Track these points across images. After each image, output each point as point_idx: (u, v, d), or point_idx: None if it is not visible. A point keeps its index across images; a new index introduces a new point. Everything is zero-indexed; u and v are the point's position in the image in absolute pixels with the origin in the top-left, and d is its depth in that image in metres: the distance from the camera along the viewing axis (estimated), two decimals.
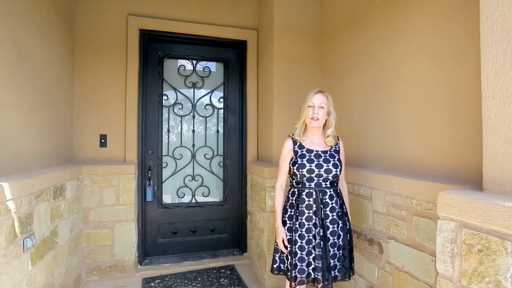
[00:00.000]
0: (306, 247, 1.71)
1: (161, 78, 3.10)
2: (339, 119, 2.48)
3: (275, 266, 1.83)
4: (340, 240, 1.74)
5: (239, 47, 3.25)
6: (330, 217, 1.73)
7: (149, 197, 2.94)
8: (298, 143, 1.82)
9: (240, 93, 3.26)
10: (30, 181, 1.73)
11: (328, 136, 1.83)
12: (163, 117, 3.12)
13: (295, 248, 1.71)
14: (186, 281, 2.65)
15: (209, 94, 3.23)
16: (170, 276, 2.75)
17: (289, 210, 1.80)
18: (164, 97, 3.12)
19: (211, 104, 3.24)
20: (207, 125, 3.25)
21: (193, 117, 3.19)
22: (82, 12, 2.76)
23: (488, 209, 0.99)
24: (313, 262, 1.70)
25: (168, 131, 3.14)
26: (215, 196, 3.28)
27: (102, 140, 2.81)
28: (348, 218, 1.83)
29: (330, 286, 1.69)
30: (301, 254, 1.71)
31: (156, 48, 3.07)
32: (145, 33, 2.96)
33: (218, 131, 3.27)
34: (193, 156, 3.18)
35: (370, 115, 2.19)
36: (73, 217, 2.41)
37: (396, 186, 1.72)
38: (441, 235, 1.16)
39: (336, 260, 1.72)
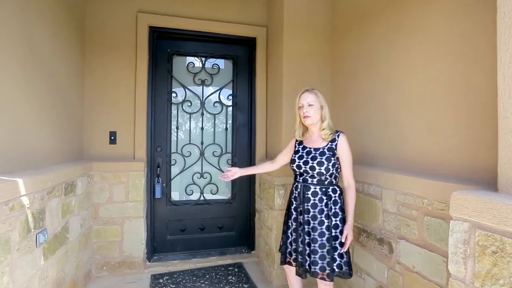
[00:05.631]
0: (290, 235, 1.92)
1: (170, 75, 3.11)
2: (349, 116, 2.49)
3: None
4: (324, 238, 1.77)
5: (248, 44, 3.23)
6: (312, 213, 1.81)
7: (157, 194, 2.96)
8: (299, 141, 1.97)
9: (249, 91, 3.25)
10: (43, 177, 1.75)
11: (323, 129, 1.85)
12: (172, 114, 3.14)
13: (285, 233, 1.97)
14: (194, 278, 2.67)
15: (218, 92, 3.23)
16: (178, 273, 2.77)
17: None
18: (173, 94, 3.13)
19: (220, 102, 3.24)
20: (216, 123, 3.25)
21: (202, 114, 3.20)
22: (92, 9, 2.79)
23: (503, 210, 0.97)
24: (292, 245, 1.92)
25: (177, 128, 3.16)
26: (224, 194, 3.29)
27: (112, 137, 2.84)
28: (341, 218, 1.80)
29: (304, 276, 1.82)
30: (287, 239, 1.95)
31: (165, 45, 3.08)
32: (154, 30, 2.97)
33: (226, 128, 3.27)
34: (202, 153, 3.19)
35: (380, 113, 2.16)
36: (84, 213, 2.45)
37: (407, 185, 1.70)
38: (453, 235, 1.14)
39: (317, 257, 1.76)
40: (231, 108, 3.28)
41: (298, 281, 2.05)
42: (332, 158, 1.80)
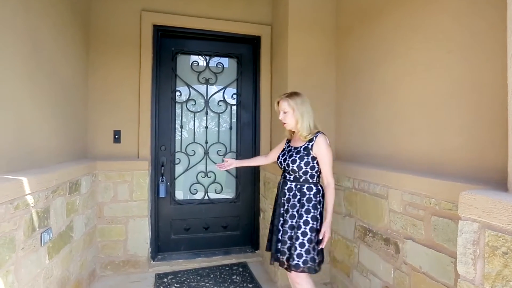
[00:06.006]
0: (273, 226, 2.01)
1: (174, 74, 3.10)
2: (354, 114, 2.46)
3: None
4: (292, 232, 1.85)
5: (253, 42, 3.22)
6: (286, 206, 1.92)
7: (162, 193, 2.96)
8: (288, 140, 2.10)
9: (254, 89, 3.24)
10: (47, 176, 1.75)
11: (298, 131, 1.92)
12: (176, 113, 3.13)
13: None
14: (198, 278, 2.67)
15: (222, 90, 3.22)
16: (183, 272, 2.77)
17: None
18: (177, 93, 3.12)
19: (224, 100, 3.23)
20: (220, 122, 3.24)
21: (206, 113, 3.19)
22: (96, 7, 2.79)
23: None
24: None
25: (181, 127, 3.15)
26: (228, 193, 3.28)
27: (116, 136, 2.85)
28: (313, 216, 1.83)
29: (272, 262, 1.94)
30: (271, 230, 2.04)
31: (169, 44, 3.08)
32: (158, 28, 2.97)
33: (231, 127, 3.26)
34: (206, 152, 3.18)
35: (385, 111, 2.13)
36: (88, 212, 2.45)
37: (414, 185, 1.67)
38: (462, 236, 1.11)
39: (285, 247, 1.86)
40: (235, 107, 3.27)
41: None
42: (306, 157, 1.87)
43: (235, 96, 3.26)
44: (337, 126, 2.76)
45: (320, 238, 1.82)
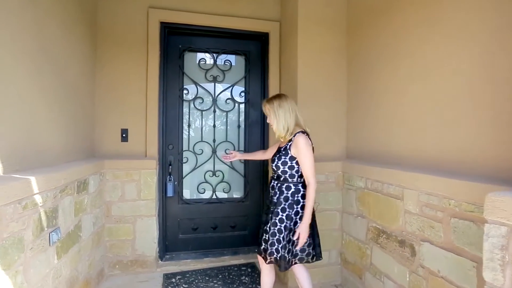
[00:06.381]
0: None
1: (182, 71, 3.07)
2: (366, 112, 2.39)
3: None
4: (275, 228, 1.87)
5: (261, 39, 3.16)
6: (270, 203, 1.98)
7: (169, 193, 2.93)
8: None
9: (262, 87, 3.19)
10: (56, 175, 1.73)
11: (275, 133, 1.99)
12: (184, 112, 3.09)
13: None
14: (207, 278, 2.63)
15: (230, 88, 3.17)
16: (191, 272, 2.74)
17: None
18: (185, 91, 3.09)
19: (232, 98, 3.18)
20: (228, 120, 3.20)
21: (214, 111, 3.15)
22: (103, 5, 2.76)
23: None
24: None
25: (189, 125, 3.11)
26: (236, 192, 3.24)
27: (123, 135, 2.82)
28: (288, 214, 1.87)
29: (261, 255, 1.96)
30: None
31: (176, 41, 3.04)
32: (165, 25, 2.93)
33: (239, 126, 3.21)
34: (214, 151, 3.14)
35: (400, 109, 2.06)
36: (96, 212, 2.43)
37: (432, 185, 1.61)
38: (489, 240, 1.05)
39: (262, 239, 1.93)
40: (243, 105, 3.22)
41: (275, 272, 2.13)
42: (283, 157, 1.92)
43: (243, 94, 3.21)
44: (349, 124, 2.70)
45: (294, 239, 1.83)
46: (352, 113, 2.65)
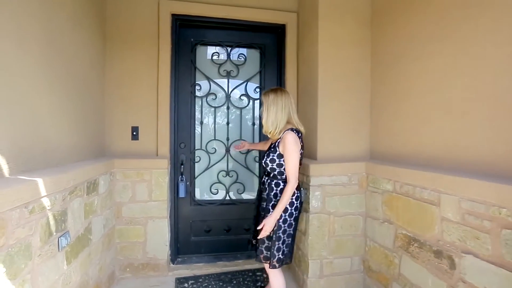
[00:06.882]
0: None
1: (194, 66, 2.93)
2: (396, 109, 2.21)
3: None
4: (261, 224, 1.86)
5: (277, 31, 3.00)
6: (262, 200, 2.01)
7: (181, 193, 2.81)
8: None
9: (278, 82, 3.03)
10: (64, 176, 1.62)
11: (263, 126, 1.98)
12: (196, 109, 2.96)
13: None
14: (220, 283, 2.51)
15: (244, 84, 3.03)
16: (204, 277, 2.61)
17: None
18: (197, 87, 2.95)
19: (246, 95, 3.04)
20: (242, 117, 3.05)
21: (227, 108, 3.00)
22: None
23: None
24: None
25: (201, 123, 2.98)
26: (251, 193, 3.10)
27: (134, 133, 2.70)
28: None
29: (257, 258, 1.99)
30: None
31: (188, 34, 2.90)
32: (177, 18, 2.79)
33: (253, 123, 3.06)
34: (227, 150, 3.00)
35: (438, 106, 1.88)
36: (106, 213, 2.32)
37: (477, 191, 1.45)
38: None
39: (259, 241, 1.94)
40: (258, 101, 3.07)
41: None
42: (272, 154, 1.92)
43: (258, 89, 3.06)
44: (373, 121, 2.54)
45: (259, 228, 1.85)
46: (377, 109, 2.49)
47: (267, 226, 1.82)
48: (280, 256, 1.90)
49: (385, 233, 2.15)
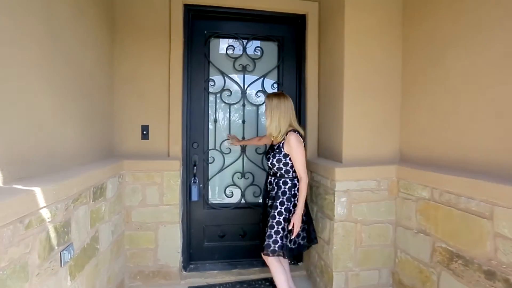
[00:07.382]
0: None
1: (207, 60, 2.74)
2: (432, 108, 1.96)
3: None
4: (274, 221, 1.97)
5: (296, 22, 2.78)
6: (269, 198, 2.12)
7: (194, 197, 2.64)
8: None
9: (297, 77, 2.81)
10: (67, 182, 1.46)
11: (267, 130, 2.10)
12: (210, 106, 2.77)
13: None
14: None
15: (261, 79, 2.82)
16: (218, 286, 2.44)
17: None
18: (211, 83, 2.76)
19: (263, 91, 2.83)
20: (259, 115, 2.85)
21: (243, 105, 2.80)
22: None
23: None
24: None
25: (215, 121, 2.79)
26: None
27: (144, 132, 2.53)
28: (286, 207, 1.98)
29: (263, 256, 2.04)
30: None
31: (201, 26, 2.70)
32: (189, 8, 2.60)
33: None
34: (243, 150, 2.81)
35: (482, 106, 1.65)
36: (115, 218, 2.16)
37: None
38: None
39: (266, 235, 1.99)
40: None
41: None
42: (278, 155, 2.03)
43: (275, 85, 2.85)
44: (403, 121, 2.30)
45: (290, 228, 1.95)
46: (409, 108, 2.25)
47: (296, 223, 1.94)
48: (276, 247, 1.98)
49: (420, 245, 1.93)
